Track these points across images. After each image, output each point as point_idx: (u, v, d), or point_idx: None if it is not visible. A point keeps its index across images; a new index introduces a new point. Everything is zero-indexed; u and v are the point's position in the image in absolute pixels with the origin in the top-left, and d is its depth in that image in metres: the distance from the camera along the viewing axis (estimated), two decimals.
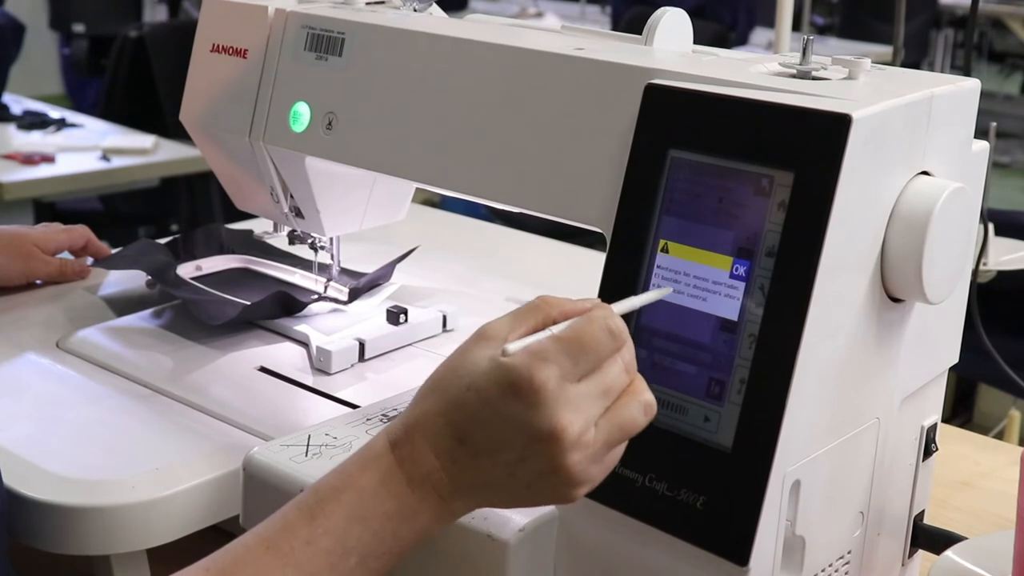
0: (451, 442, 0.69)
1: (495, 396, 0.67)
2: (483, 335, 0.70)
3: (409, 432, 0.70)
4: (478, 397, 0.68)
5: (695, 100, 0.80)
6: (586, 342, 0.67)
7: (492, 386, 0.67)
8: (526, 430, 0.66)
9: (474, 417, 0.68)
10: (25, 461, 0.95)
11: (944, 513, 1.09)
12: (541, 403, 0.66)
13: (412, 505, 0.69)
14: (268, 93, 1.11)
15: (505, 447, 0.68)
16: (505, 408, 0.67)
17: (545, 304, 0.71)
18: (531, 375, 0.66)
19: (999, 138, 2.38)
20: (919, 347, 0.87)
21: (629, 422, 0.69)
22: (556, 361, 0.66)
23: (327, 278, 1.28)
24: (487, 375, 0.67)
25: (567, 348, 0.67)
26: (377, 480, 0.69)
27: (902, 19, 1.57)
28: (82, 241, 1.35)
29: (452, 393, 0.69)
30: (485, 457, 0.68)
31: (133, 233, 3.32)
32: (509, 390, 0.66)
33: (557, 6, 6.59)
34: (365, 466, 0.70)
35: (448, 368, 0.70)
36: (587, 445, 0.67)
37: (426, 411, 0.70)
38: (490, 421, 0.67)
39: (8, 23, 3.57)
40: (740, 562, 0.73)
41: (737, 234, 0.76)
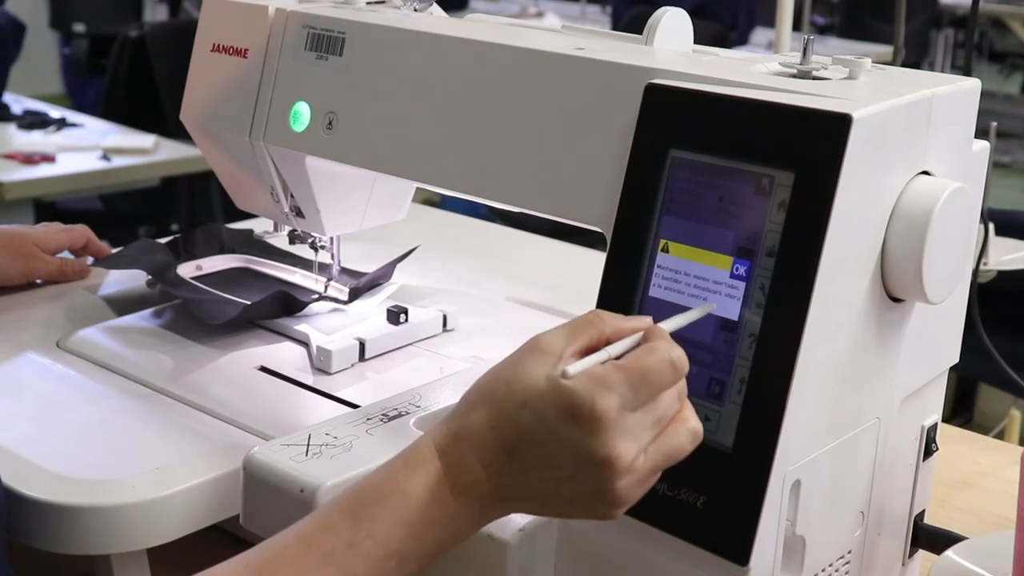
0: (500, 455, 0.69)
1: (552, 417, 0.67)
2: (537, 348, 0.70)
3: (457, 441, 0.70)
4: (534, 416, 0.68)
5: (695, 100, 0.80)
6: (648, 375, 0.68)
7: (550, 407, 0.67)
8: (580, 453, 0.67)
9: (528, 435, 0.68)
10: (25, 461, 0.95)
11: (944, 513, 1.09)
12: (600, 431, 0.67)
13: (455, 512, 0.70)
14: (268, 93, 1.11)
15: (556, 465, 0.68)
16: (562, 430, 0.67)
17: (599, 320, 0.71)
18: (593, 403, 0.66)
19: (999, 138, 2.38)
20: (919, 347, 0.87)
21: (676, 449, 0.70)
22: (618, 391, 0.67)
23: (327, 278, 1.28)
24: (545, 396, 0.68)
25: (630, 379, 0.68)
26: (423, 486, 0.69)
27: (902, 19, 1.57)
28: (82, 241, 1.35)
29: (506, 408, 0.69)
30: (534, 472, 0.69)
31: (133, 233, 3.32)
32: (568, 414, 0.67)
33: (557, 6, 6.59)
34: (412, 471, 0.70)
35: (501, 380, 0.70)
36: (636, 471, 0.68)
37: (477, 423, 0.70)
38: (544, 441, 0.68)
39: (8, 23, 3.57)
40: (740, 562, 0.73)
41: (737, 234, 0.76)
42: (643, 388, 0.68)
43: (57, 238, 1.33)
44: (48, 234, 1.33)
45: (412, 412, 0.93)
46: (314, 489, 0.81)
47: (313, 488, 0.81)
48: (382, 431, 0.89)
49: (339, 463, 0.84)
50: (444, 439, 0.71)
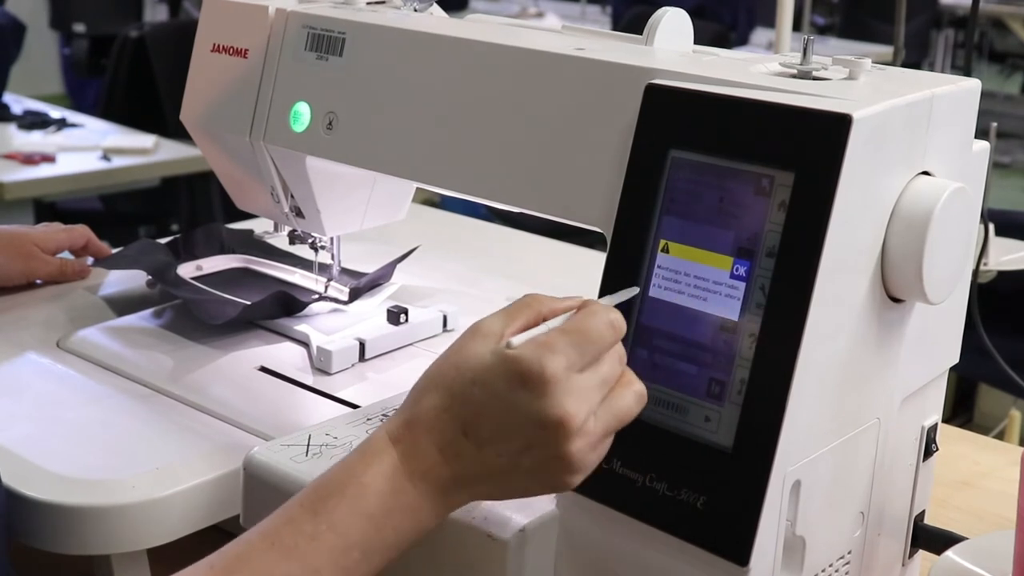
0: (455, 436, 0.71)
1: (503, 387, 0.69)
2: (478, 331, 0.72)
3: (411, 428, 0.72)
4: (485, 390, 0.70)
5: (695, 100, 0.80)
6: (591, 334, 0.70)
7: (499, 379, 0.69)
8: (533, 418, 0.69)
9: (480, 410, 0.70)
10: (25, 461, 0.95)
11: (944, 513, 1.09)
12: (550, 392, 0.68)
13: (415, 500, 0.71)
14: (268, 93, 1.11)
15: (511, 437, 0.70)
16: (513, 398, 0.69)
17: (535, 301, 0.74)
18: (541, 366, 0.68)
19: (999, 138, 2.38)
20: (919, 347, 0.87)
21: (624, 411, 0.72)
22: (563, 352, 0.69)
23: (327, 278, 1.28)
24: (493, 368, 0.70)
25: (573, 340, 0.70)
26: (380, 476, 0.70)
27: (902, 19, 1.57)
28: (82, 241, 1.35)
29: (456, 388, 0.71)
30: (490, 447, 0.70)
31: (133, 233, 3.32)
32: (518, 380, 0.69)
33: (557, 6, 6.59)
34: (368, 463, 0.71)
35: (448, 364, 0.72)
36: (588, 433, 0.70)
37: (428, 407, 0.71)
38: (497, 412, 0.69)
39: (8, 23, 3.57)
40: (740, 562, 0.73)
41: (737, 234, 0.76)
42: (586, 348, 0.70)
43: (57, 238, 1.33)
44: (48, 234, 1.33)
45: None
46: None
47: None
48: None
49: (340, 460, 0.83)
50: (398, 428, 0.72)
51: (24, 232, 1.33)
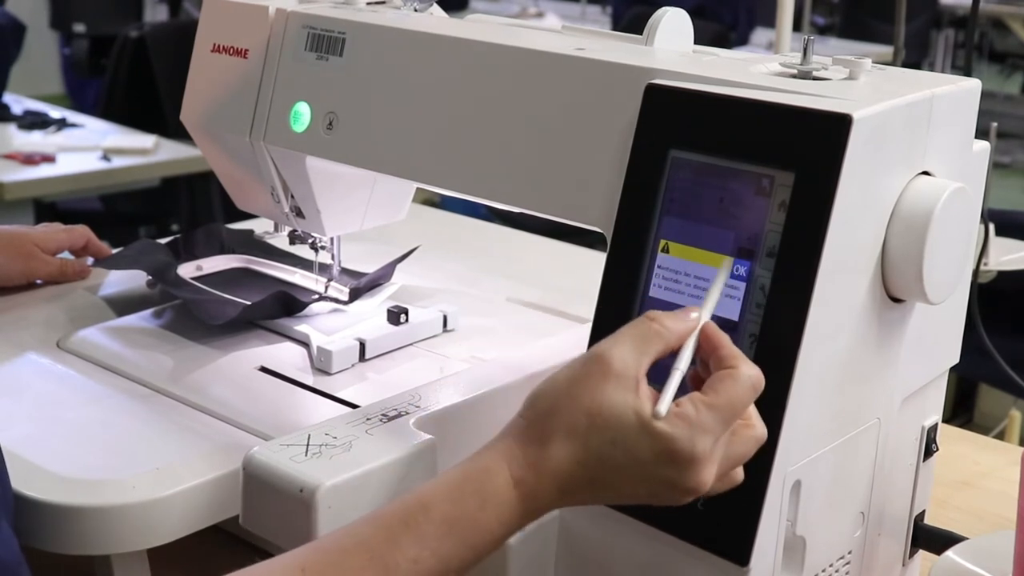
0: (582, 483, 0.70)
1: (648, 458, 0.68)
2: (610, 370, 0.69)
3: (538, 472, 0.70)
4: (626, 456, 0.69)
5: (696, 100, 0.80)
6: (736, 406, 0.69)
7: (646, 451, 0.68)
8: (669, 482, 0.69)
9: (617, 469, 0.69)
10: (25, 461, 0.95)
11: (944, 513, 1.09)
12: (693, 469, 0.68)
13: (518, 526, 0.72)
14: (269, 93, 1.11)
15: (637, 490, 0.70)
16: (656, 470, 0.69)
17: (660, 328, 0.71)
18: (693, 448, 0.68)
19: (1000, 138, 2.38)
20: (919, 347, 0.87)
21: (740, 456, 0.72)
22: (714, 432, 0.68)
23: (328, 278, 1.28)
24: (638, 436, 0.68)
25: (723, 416, 0.69)
26: (496, 517, 0.70)
27: (902, 19, 1.57)
28: (82, 241, 1.35)
29: (594, 445, 0.69)
30: (610, 492, 0.71)
31: (134, 233, 3.32)
32: (667, 458, 0.68)
33: (557, 6, 6.59)
34: (485, 500, 0.70)
35: (580, 411, 0.70)
36: (708, 484, 0.70)
37: (562, 457, 0.70)
38: (633, 474, 0.69)
39: (9, 23, 3.57)
40: (741, 562, 0.73)
41: (738, 234, 0.76)
42: (731, 418, 0.69)
43: (57, 238, 1.33)
44: (48, 234, 1.33)
45: (412, 412, 0.93)
46: (313, 489, 0.80)
47: (312, 488, 0.81)
48: (382, 431, 0.89)
49: (339, 463, 0.83)
50: (522, 470, 0.71)
51: (24, 232, 1.32)
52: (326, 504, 0.80)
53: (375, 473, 0.84)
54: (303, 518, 0.80)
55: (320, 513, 0.80)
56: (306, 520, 0.80)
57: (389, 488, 0.84)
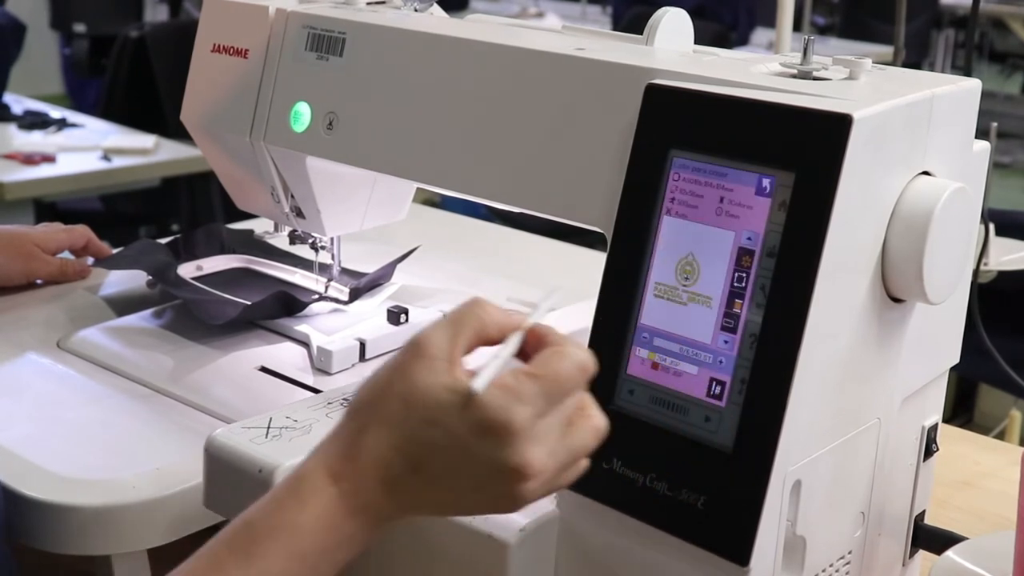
0: (404, 471, 0.68)
1: (464, 432, 0.66)
2: (422, 352, 0.68)
3: (355, 464, 0.68)
4: (442, 433, 0.66)
5: (696, 100, 0.80)
6: (561, 381, 0.67)
7: (461, 423, 0.66)
8: (493, 465, 0.66)
9: (437, 451, 0.67)
10: (25, 461, 0.95)
11: (945, 513, 1.09)
12: (513, 441, 0.65)
13: (351, 533, 0.68)
14: (269, 93, 1.11)
15: (463, 477, 0.67)
16: (474, 445, 0.66)
17: (480, 312, 0.69)
18: (508, 416, 0.65)
19: (1000, 138, 2.38)
20: (920, 347, 0.87)
21: (581, 448, 0.69)
22: (531, 401, 0.66)
23: (328, 278, 1.28)
24: (453, 410, 0.66)
25: (543, 387, 0.66)
26: (316, 516, 0.67)
27: (903, 19, 1.57)
28: (83, 241, 1.35)
29: (408, 428, 0.67)
30: (439, 484, 0.68)
31: (134, 233, 3.32)
32: (481, 428, 0.65)
33: (558, 6, 6.59)
34: (303, 502, 0.68)
35: (394, 396, 0.68)
36: (544, 472, 0.67)
37: (377, 444, 0.68)
38: (455, 455, 0.66)
39: (9, 23, 3.57)
40: (741, 562, 0.73)
41: (738, 234, 0.76)
42: (555, 393, 0.67)
43: (57, 238, 1.33)
44: (48, 234, 1.33)
45: None
46: (272, 469, 0.81)
47: (271, 468, 0.82)
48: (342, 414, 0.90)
49: (297, 445, 0.84)
50: (338, 463, 0.68)
51: (24, 232, 1.33)
52: None
53: None
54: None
55: None
56: None
57: None
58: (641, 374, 0.79)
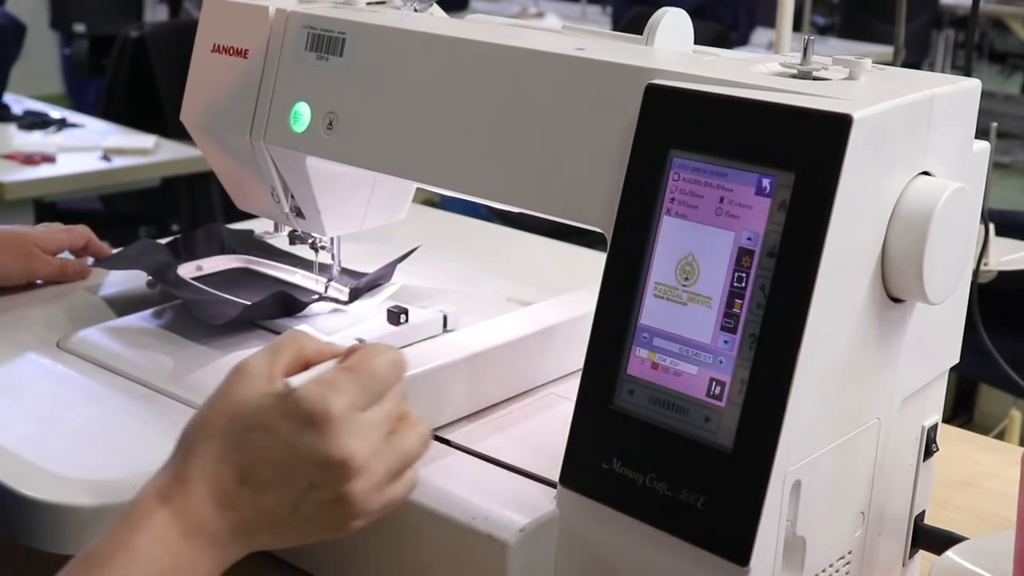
0: (233, 485, 0.68)
1: (285, 428, 0.67)
2: (243, 372, 0.70)
3: (183, 483, 0.69)
4: (265, 434, 0.68)
5: (696, 100, 0.80)
6: (374, 372, 0.69)
7: (281, 420, 0.67)
8: (316, 458, 0.67)
9: (260, 455, 0.68)
10: (25, 461, 0.95)
11: (945, 513, 1.09)
12: (333, 431, 0.67)
13: (189, 558, 0.68)
14: (269, 93, 1.11)
15: (292, 480, 0.68)
16: (296, 439, 0.67)
17: (301, 338, 0.72)
18: (325, 404, 0.67)
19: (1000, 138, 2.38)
20: (919, 347, 0.87)
21: (409, 451, 0.71)
22: (347, 390, 0.68)
23: (328, 278, 1.28)
24: (272, 410, 0.68)
25: (357, 378, 0.68)
26: (150, 539, 0.68)
27: (903, 19, 1.57)
28: (83, 241, 1.35)
29: (232, 436, 0.68)
30: (270, 493, 0.68)
31: (134, 233, 3.32)
32: (301, 420, 0.67)
33: (557, 6, 6.59)
34: (135, 526, 0.68)
35: (216, 412, 0.70)
36: (371, 473, 0.69)
37: (201, 459, 0.69)
38: (278, 455, 0.67)
39: (9, 23, 3.58)
40: (741, 562, 0.73)
41: (738, 234, 0.76)
42: (371, 387, 0.69)
43: (57, 238, 1.33)
44: (48, 234, 1.33)
45: None
46: None
47: None
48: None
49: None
50: (166, 484, 0.69)
51: (24, 232, 1.33)
52: None
53: None
54: None
55: None
56: None
57: None
58: (641, 374, 0.79)
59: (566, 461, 0.82)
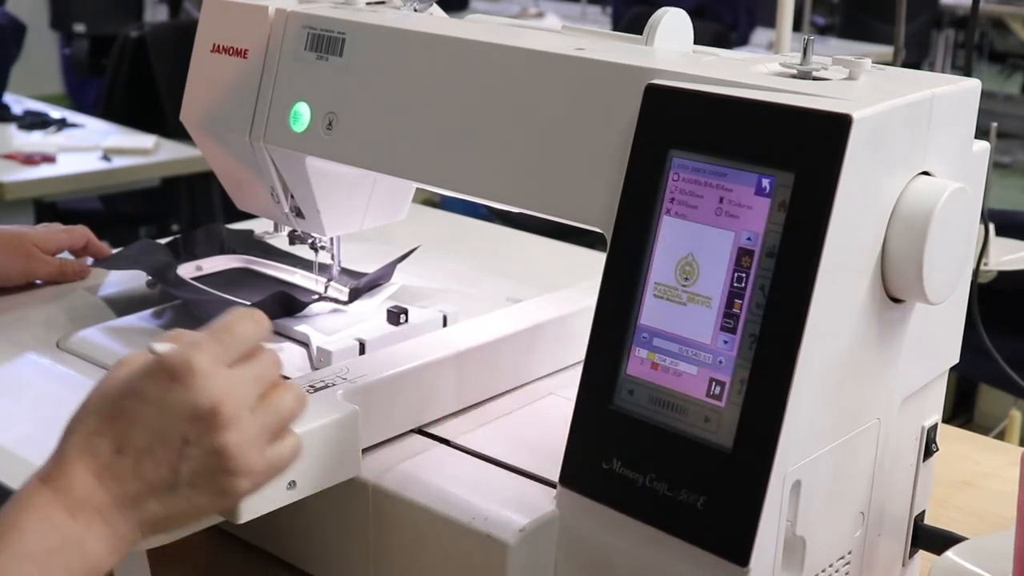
0: (110, 457, 0.70)
1: (152, 389, 0.70)
2: (121, 363, 0.73)
3: (60, 462, 0.71)
4: (134, 399, 0.70)
5: (695, 100, 0.80)
6: (234, 330, 0.73)
7: (148, 382, 0.70)
8: (185, 412, 0.69)
9: (132, 420, 0.70)
10: (25, 461, 0.95)
11: (945, 513, 1.09)
12: (198, 383, 0.70)
13: (77, 534, 0.69)
14: (268, 93, 1.11)
15: (167, 439, 0.70)
16: (164, 396, 0.70)
17: (176, 333, 0.75)
18: (187, 359, 0.70)
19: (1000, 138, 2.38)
20: (919, 347, 0.87)
21: (285, 410, 0.74)
22: (207, 347, 0.71)
23: (327, 278, 1.28)
24: (139, 376, 0.71)
25: (216, 335, 0.72)
26: (34, 517, 0.69)
27: (903, 19, 1.57)
28: (82, 241, 1.35)
29: (104, 410, 0.71)
30: (147, 458, 0.70)
31: (134, 233, 3.32)
32: (166, 377, 0.70)
33: (557, 6, 6.59)
34: (20, 507, 0.69)
35: (92, 396, 0.73)
36: (245, 425, 0.71)
37: (78, 435, 0.71)
38: (150, 416, 0.70)
39: (9, 23, 3.58)
40: (741, 562, 0.73)
41: (738, 234, 0.76)
42: (232, 344, 0.72)
43: (57, 238, 1.33)
44: (48, 234, 1.33)
45: (339, 384, 0.94)
46: None
47: None
48: (308, 401, 0.90)
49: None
50: (47, 467, 0.71)
51: (24, 232, 1.32)
52: None
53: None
54: None
55: None
56: None
57: (311, 454, 0.86)
58: (641, 374, 0.79)
59: (566, 461, 0.82)
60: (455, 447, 0.97)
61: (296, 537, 0.99)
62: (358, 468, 0.91)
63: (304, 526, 0.98)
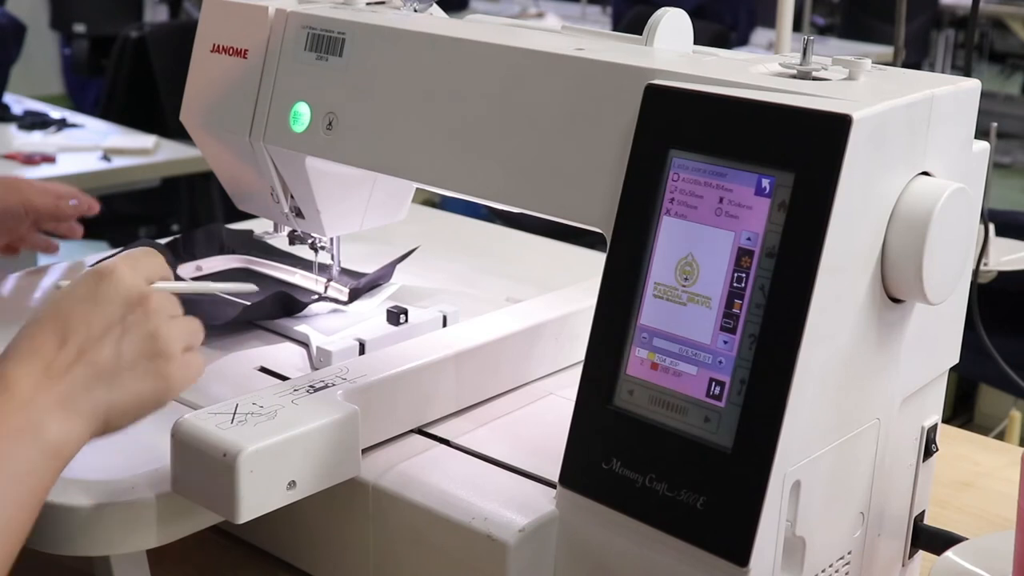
0: (55, 352, 0.77)
1: (83, 290, 0.79)
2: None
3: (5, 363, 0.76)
4: (70, 300, 0.79)
5: (695, 101, 0.80)
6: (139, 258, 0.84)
7: (78, 286, 0.79)
8: (119, 299, 0.79)
9: (69, 316, 0.78)
10: None
11: (944, 513, 1.09)
12: (126, 278, 0.80)
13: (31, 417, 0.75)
14: (268, 93, 1.11)
15: (106, 324, 0.78)
16: (96, 291, 0.79)
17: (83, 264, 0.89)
18: (111, 264, 0.80)
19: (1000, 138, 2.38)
20: (919, 347, 0.87)
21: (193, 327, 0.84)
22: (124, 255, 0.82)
23: (327, 278, 1.28)
24: (71, 285, 0.80)
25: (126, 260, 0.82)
26: None
27: (903, 19, 1.56)
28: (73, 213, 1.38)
29: (43, 317, 0.78)
30: (89, 345, 0.78)
31: (134, 233, 3.32)
32: (95, 277, 0.79)
33: (558, 6, 6.59)
34: None
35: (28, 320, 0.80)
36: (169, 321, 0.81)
37: (24, 339, 0.78)
38: (86, 310, 0.78)
39: (9, 23, 3.58)
40: (740, 563, 0.73)
41: (738, 234, 0.76)
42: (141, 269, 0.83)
43: (54, 187, 1.38)
44: (43, 183, 1.38)
45: (338, 384, 0.94)
46: (236, 453, 0.83)
47: (235, 452, 0.83)
48: (307, 401, 0.91)
49: (262, 429, 0.86)
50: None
51: (16, 176, 1.36)
52: (248, 468, 0.83)
53: (297, 440, 0.86)
54: (226, 482, 0.83)
55: (242, 477, 0.83)
56: (229, 484, 0.83)
57: (311, 454, 0.87)
58: (641, 374, 0.79)
59: (566, 461, 0.82)
60: (455, 447, 0.97)
61: (296, 537, 0.99)
62: (358, 468, 0.91)
63: (304, 526, 0.98)
